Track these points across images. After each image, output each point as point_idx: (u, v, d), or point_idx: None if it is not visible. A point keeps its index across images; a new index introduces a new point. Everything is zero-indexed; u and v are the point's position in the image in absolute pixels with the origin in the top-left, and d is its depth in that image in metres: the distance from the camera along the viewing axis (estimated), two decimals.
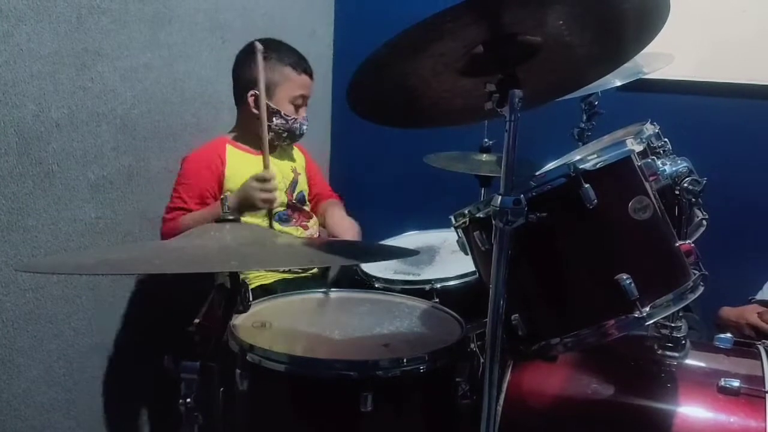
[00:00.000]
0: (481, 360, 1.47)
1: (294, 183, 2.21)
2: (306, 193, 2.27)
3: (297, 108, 2.11)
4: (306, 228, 2.21)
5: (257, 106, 2.02)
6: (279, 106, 2.06)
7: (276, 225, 2.11)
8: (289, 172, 2.21)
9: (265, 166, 1.94)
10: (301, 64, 2.11)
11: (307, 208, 2.26)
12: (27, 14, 1.59)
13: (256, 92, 2.00)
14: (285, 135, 2.11)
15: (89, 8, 1.76)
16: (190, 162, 2.04)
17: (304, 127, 2.14)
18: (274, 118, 2.06)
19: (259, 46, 1.91)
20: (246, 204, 1.92)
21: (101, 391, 1.90)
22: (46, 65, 1.65)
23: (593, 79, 1.53)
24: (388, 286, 1.91)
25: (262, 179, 1.91)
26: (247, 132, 2.10)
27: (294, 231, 2.16)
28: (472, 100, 1.32)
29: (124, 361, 1.99)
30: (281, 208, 2.14)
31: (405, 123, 1.53)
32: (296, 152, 2.30)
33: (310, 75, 2.13)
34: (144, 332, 2.05)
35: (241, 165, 2.07)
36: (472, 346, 1.53)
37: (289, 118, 2.08)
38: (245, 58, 2.07)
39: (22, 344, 1.66)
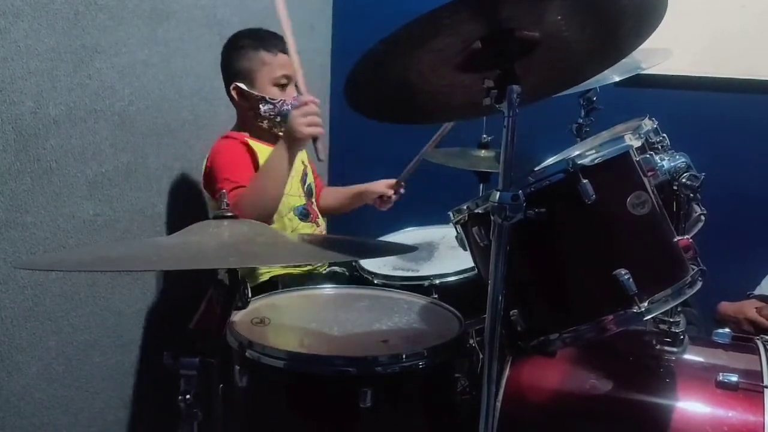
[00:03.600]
0: (480, 356, 1.48)
1: (304, 175, 2.20)
2: (314, 187, 2.25)
3: (283, 88, 2.05)
4: (318, 225, 2.20)
5: (241, 97, 2.04)
6: (262, 91, 2.03)
7: (296, 220, 2.10)
8: (299, 163, 2.16)
9: (300, 92, 1.87)
10: (277, 45, 2.03)
11: (314, 202, 2.24)
12: (24, 11, 1.58)
13: (237, 84, 2.02)
14: (278, 120, 2.05)
15: (86, 5, 1.75)
16: (223, 155, 1.99)
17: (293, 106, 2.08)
18: (260, 105, 2.03)
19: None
20: (291, 137, 1.82)
21: (100, 388, 1.90)
22: (44, 62, 1.64)
23: (591, 75, 1.52)
24: (387, 282, 1.92)
25: (304, 103, 1.82)
26: (247, 125, 2.10)
27: (310, 228, 2.14)
28: (471, 95, 1.32)
29: (124, 357, 1.99)
30: (301, 202, 2.12)
31: (403, 119, 1.53)
32: None
33: (284, 51, 2.02)
34: (143, 329, 2.05)
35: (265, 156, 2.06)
36: (471, 341, 1.53)
37: (275, 101, 2.03)
38: (227, 52, 2.07)
39: (21, 341, 1.66)
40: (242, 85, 2.02)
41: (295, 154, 1.87)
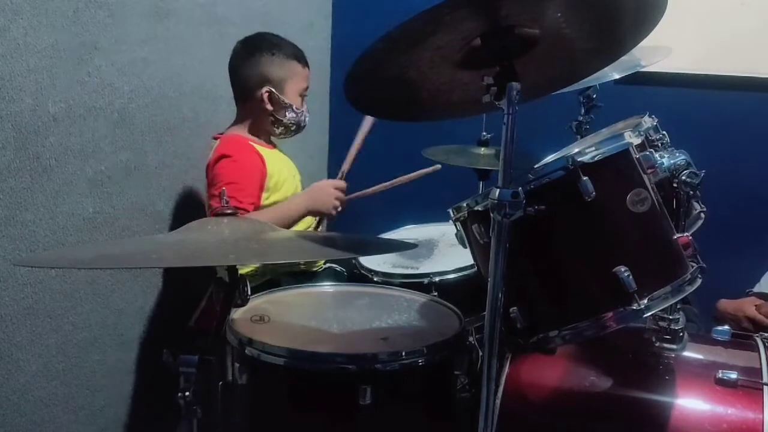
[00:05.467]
0: (480, 353, 1.48)
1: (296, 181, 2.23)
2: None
3: (303, 100, 2.13)
4: (315, 219, 2.22)
5: (271, 101, 2.06)
6: (291, 100, 2.08)
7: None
8: (292, 164, 2.24)
9: (343, 176, 2.06)
10: (303, 57, 2.13)
11: None
12: (24, 8, 1.58)
13: (270, 89, 2.04)
14: (293, 128, 2.13)
15: (86, 2, 1.75)
16: (233, 163, 1.99)
17: (307, 119, 2.16)
18: (287, 112, 2.08)
19: None
20: (316, 206, 1.99)
21: (100, 386, 1.91)
22: (43, 59, 1.64)
23: (591, 72, 1.52)
24: (387, 279, 1.92)
25: (342, 188, 2.01)
26: (257, 128, 2.12)
27: (312, 220, 2.18)
28: (471, 93, 1.32)
29: (123, 355, 1.99)
30: None
31: (403, 116, 1.53)
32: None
33: (309, 67, 2.16)
34: (143, 326, 2.06)
35: (274, 162, 2.09)
36: (471, 339, 1.54)
37: (298, 111, 2.10)
38: (254, 54, 2.07)
39: (21, 339, 1.66)
40: (274, 90, 2.05)
41: (305, 213, 2.01)
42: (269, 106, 2.06)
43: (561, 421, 1.43)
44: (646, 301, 1.23)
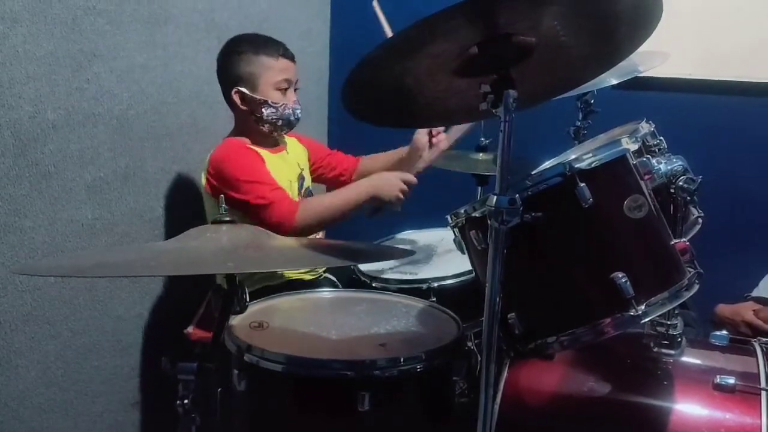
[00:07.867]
0: (478, 358, 1.48)
1: (301, 180, 2.20)
2: (311, 189, 2.26)
3: (284, 92, 2.07)
4: None
5: (243, 101, 2.04)
6: (265, 95, 2.03)
7: None
8: (296, 168, 2.20)
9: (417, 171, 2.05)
10: (278, 50, 2.07)
11: None
12: (23, 16, 1.58)
13: (239, 89, 2.03)
14: (280, 123, 2.07)
15: (85, 9, 1.76)
16: (240, 160, 1.99)
17: (298, 112, 2.10)
18: (263, 109, 2.04)
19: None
20: (378, 192, 1.99)
21: (99, 392, 1.91)
22: (42, 67, 1.65)
23: (588, 79, 1.53)
24: (385, 285, 1.92)
25: (408, 182, 2.00)
26: (246, 130, 2.09)
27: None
28: (468, 100, 1.33)
29: (122, 362, 1.99)
30: None
31: (401, 123, 1.54)
32: (297, 147, 2.28)
33: (290, 58, 2.09)
34: (141, 333, 2.05)
35: (272, 164, 2.07)
36: (469, 344, 1.54)
37: (277, 104, 2.05)
38: (225, 57, 2.07)
39: (20, 345, 1.66)
40: (244, 90, 2.03)
41: (367, 199, 2.01)
42: (243, 107, 2.04)
43: (559, 426, 1.43)
44: (643, 306, 1.24)
